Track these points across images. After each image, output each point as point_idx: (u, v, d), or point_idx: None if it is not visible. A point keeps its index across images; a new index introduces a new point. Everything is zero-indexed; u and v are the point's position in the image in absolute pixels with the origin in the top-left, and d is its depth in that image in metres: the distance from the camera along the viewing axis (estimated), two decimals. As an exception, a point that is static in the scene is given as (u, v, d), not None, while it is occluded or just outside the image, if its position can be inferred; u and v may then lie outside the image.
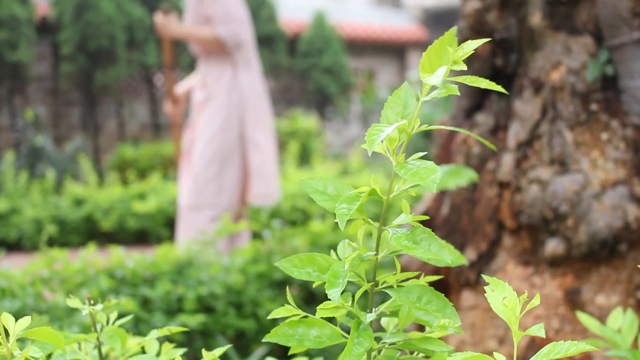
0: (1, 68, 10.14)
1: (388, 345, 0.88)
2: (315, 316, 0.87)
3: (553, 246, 1.71)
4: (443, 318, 0.82)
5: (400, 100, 0.86)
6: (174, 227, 6.95)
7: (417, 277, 0.89)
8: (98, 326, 0.98)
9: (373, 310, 0.87)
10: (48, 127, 11.22)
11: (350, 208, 0.80)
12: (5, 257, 4.68)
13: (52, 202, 7.13)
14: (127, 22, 10.66)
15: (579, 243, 1.67)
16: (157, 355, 0.99)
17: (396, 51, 14.41)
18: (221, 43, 3.95)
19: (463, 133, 1.95)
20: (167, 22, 3.98)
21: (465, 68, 0.79)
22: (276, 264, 0.88)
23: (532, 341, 1.73)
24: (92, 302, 0.97)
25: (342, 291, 0.81)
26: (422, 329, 0.93)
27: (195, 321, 2.37)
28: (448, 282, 1.93)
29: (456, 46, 0.81)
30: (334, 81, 12.81)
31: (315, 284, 0.88)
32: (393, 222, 0.84)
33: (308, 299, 2.88)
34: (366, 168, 9.32)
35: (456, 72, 0.94)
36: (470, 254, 1.87)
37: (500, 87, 0.78)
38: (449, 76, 0.80)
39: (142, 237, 7.08)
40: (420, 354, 0.90)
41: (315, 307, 0.88)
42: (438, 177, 0.75)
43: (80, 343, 0.98)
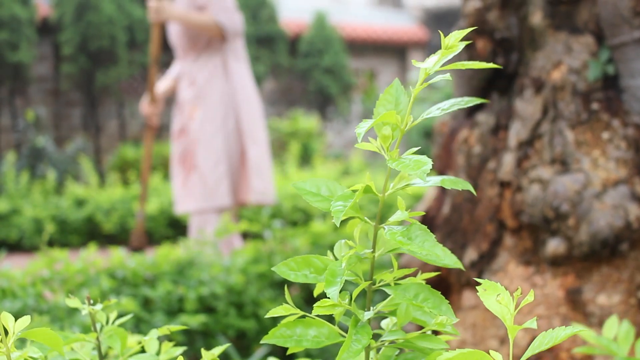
0: (2, 69, 10.15)
1: (387, 343, 0.88)
2: (312, 314, 0.87)
3: (554, 246, 1.71)
4: (439, 315, 0.82)
5: (391, 97, 0.86)
6: (176, 228, 6.95)
7: (415, 275, 0.89)
8: (98, 326, 0.98)
9: (371, 308, 0.87)
10: (49, 128, 11.22)
11: (345, 205, 0.80)
12: (6, 258, 4.68)
13: (53, 203, 7.13)
14: (128, 23, 10.66)
15: (580, 242, 1.67)
16: (157, 354, 0.99)
17: (397, 51, 14.41)
18: (221, 29, 3.77)
19: (464, 133, 1.95)
20: (162, 6, 3.77)
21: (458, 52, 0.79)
22: (273, 269, 0.87)
23: (533, 340, 1.73)
24: (92, 302, 0.97)
25: (340, 290, 0.81)
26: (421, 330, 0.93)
27: (196, 321, 2.36)
28: (449, 283, 1.93)
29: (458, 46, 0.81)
30: (335, 81, 12.81)
31: (315, 287, 0.88)
32: (389, 220, 0.84)
33: (309, 299, 2.89)
34: (367, 168, 9.32)
35: (456, 72, 0.94)
36: (471, 254, 1.87)
37: (496, 65, 0.79)
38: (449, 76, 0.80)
39: (143, 238, 7.07)
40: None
41: (315, 307, 0.88)
42: (428, 168, 0.76)
43: (80, 343, 0.98)
